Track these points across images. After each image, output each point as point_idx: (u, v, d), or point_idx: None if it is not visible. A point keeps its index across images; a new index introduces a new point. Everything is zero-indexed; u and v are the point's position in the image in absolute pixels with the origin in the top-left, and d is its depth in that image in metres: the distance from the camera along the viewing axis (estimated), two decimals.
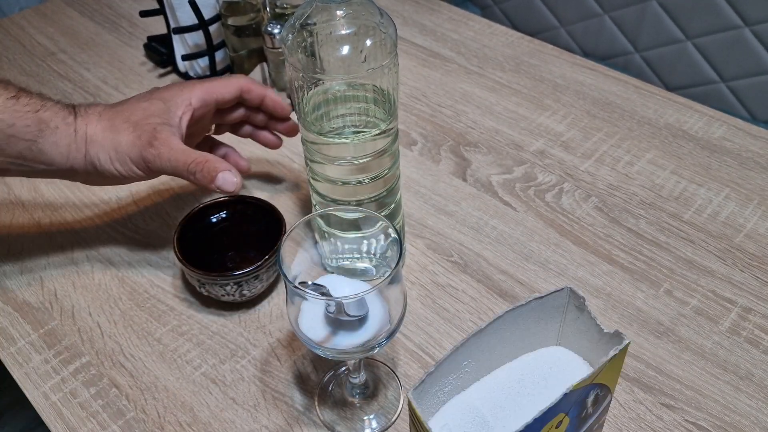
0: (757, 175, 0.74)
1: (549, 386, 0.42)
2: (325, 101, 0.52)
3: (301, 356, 0.59)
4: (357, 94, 0.52)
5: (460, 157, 0.78)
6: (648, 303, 0.62)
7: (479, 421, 0.40)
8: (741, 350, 0.58)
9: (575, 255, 0.66)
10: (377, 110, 0.52)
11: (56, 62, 0.97)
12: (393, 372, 0.58)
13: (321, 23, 0.48)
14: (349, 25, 0.48)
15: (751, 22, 1.35)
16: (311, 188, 0.59)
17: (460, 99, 0.87)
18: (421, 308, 0.62)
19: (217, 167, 0.55)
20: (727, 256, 0.65)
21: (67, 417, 0.55)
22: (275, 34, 0.79)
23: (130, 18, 1.06)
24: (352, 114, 0.53)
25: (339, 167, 0.54)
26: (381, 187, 0.56)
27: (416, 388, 0.37)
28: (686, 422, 0.53)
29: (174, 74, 0.93)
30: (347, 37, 0.48)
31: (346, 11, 0.48)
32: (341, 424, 0.54)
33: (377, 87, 0.51)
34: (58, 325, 0.62)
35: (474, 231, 0.69)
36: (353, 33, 0.48)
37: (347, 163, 0.53)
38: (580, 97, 0.86)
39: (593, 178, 0.74)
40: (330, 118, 0.53)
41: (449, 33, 0.99)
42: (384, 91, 0.51)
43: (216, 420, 0.55)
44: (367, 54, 0.48)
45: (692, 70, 1.48)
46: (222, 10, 0.81)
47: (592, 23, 1.60)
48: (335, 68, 0.49)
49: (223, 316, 0.62)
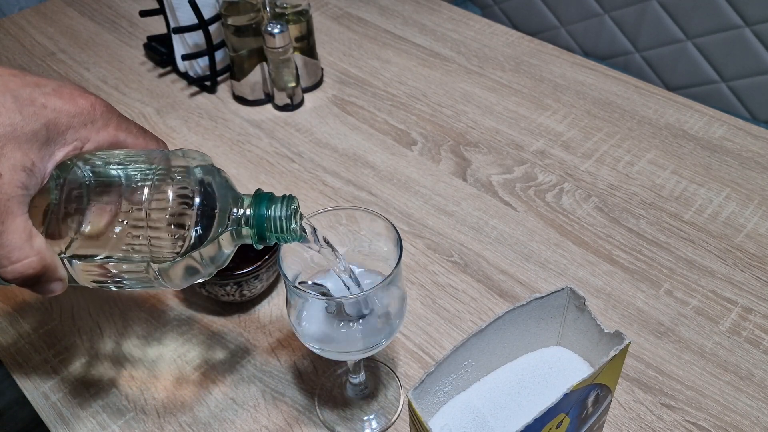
0: (758, 175, 0.74)
1: (549, 386, 0.42)
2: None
3: (301, 356, 0.59)
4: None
5: (460, 157, 0.78)
6: (648, 303, 0.62)
7: (479, 421, 0.40)
8: (741, 350, 0.58)
9: (575, 255, 0.66)
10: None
11: (56, 62, 0.97)
12: (393, 372, 0.58)
13: None
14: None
15: (751, 22, 1.35)
16: None
17: (460, 99, 0.87)
18: (421, 308, 0.62)
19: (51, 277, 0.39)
20: (727, 256, 0.65)
21: (67, 417, 0.55)
22: (275, 34, 0.79)
23: (130, 18, 1.06)
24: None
25: None
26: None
27: (416, 388, 0.37)
28: (686, 422, 0.53)
29: (174, 74, 0.93)
30: None
31: None
32: (341, 424, 0.54)
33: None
34: (58, 325, 0.62)
35: (474, 231, 0.69)
36: None
37: None
38: (580, 97, 0.86)
39: (593, 178, 0.74)
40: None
41: (449, 33, 0.99)
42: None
43: (216, 420, 0.55)
44: None
45: (692, 70, 1.48)
46: (222, 10, 0.81)
47: (592, 23, 1.60)
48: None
49: (223, 316, 0.62)
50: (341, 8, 1.06)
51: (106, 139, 0.40)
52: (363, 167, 0.77)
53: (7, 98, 0.36)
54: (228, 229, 0.41)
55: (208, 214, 0.40)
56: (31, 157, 0.36)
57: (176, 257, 0.39)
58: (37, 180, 0.37)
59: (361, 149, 0.80)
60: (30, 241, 0.37)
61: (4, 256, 0.36)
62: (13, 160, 0.35)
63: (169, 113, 0.86)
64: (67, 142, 0.38)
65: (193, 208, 0.39)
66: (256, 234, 0.42)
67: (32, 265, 0.37)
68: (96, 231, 0.39)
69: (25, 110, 0.36)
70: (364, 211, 0.48)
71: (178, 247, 0.39)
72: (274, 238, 0.42)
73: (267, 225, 0.41)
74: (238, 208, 0.41)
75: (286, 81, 0.84)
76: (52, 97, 0.38)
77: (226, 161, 0.79)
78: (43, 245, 0.38)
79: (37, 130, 0.37)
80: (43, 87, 0.38)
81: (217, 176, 0.41)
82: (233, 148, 0.81)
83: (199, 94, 0.90)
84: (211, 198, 0.40)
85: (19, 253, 0.36)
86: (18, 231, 0.36)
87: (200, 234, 0.39)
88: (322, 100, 0.88)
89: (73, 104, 0.39)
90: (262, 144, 0.81)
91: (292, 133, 0.83)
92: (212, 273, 0.42)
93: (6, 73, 0.38)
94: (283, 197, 0.42)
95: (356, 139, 0.81)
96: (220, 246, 0.41)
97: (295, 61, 0.84)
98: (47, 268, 0.38)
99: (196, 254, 0.40)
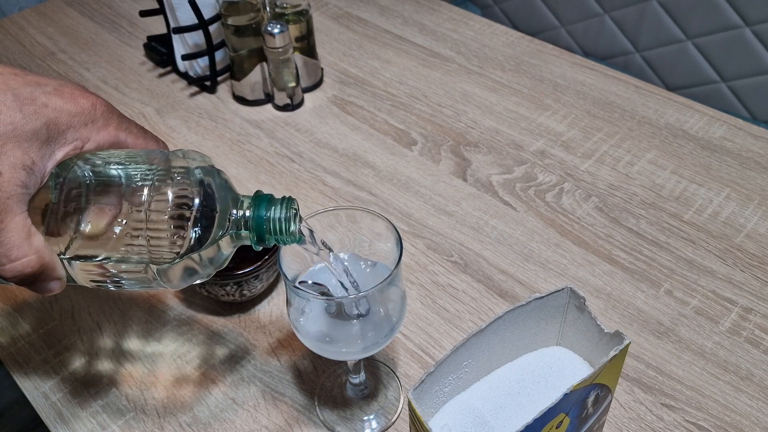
0: (758, 175, 0.74)
1: (549, 386, 0.42)
2: None
3: (301, 356, 0.59)
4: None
5: (460, 157, 0.78)
6: (648, 303, 0.62)
7: (479, 421, 0.40)
8: (741, 350, 0.58)
9: (575, 255, 0.66)
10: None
11: (56, 62, 0.97)
12: (393, 372, 0.58)
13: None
14: None
15: (751, 22, 1.35)
16: None
17: (461, 99, 0.87)
18: (421, 308, 0.62)
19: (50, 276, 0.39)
20: (727, 256, 0.65)
21: (67, 417, 0.55)
22: (275, 34, 0.79)
23: (130, 18, 1.06)
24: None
25: None
26: None
27: (416, 388, 0.37)
28: (686, 422, 0.53)
29: (174, 74, 0.93)
30: None
31: None
32: (341, 424, 0.54)
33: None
34: (58, 325, 0.62)
35: (474, 231, 0.69)
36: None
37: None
38: (580, 96, 0.86)
39: (593, 178, 0.74)
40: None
41: (449, 33, 0.99)
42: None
43: (216, 420, 0.55)
44: None
45: (692, 70, 1.48)
46: (222, 9, 0.81)
47: (592, 23, 1.60)
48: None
49: (223, 316, 0.62)
50: (341, 8, 1.06)
51: (106, 138, 0.40)
52: (363, 167, 0.77)
53: (7, 96, 0.36)
54: (228, 232, 0.41)
55: (208, 216, 0.40)
56: (31, 156, 0.36)
57: (175, 258, 0.39)
58: (36, 179, 0.37)
59: (361, 149, 0.80)
60: (29, 239, 0.37)
61: (3, 254, 0.36)
62: (13, 159, 0.35)
63: (169, 113, 0.86)
64: (68, 141, 0.38)
65: (193, 210, 0.39)
66: (255, 236, 0.42)
67: (31, 263, 0.37)
68: (95, 231, 0.39)
69: (26, 109, 0.36)
70: (364, 211, 0.48)
71: (177, 248, 0.39)
72: (273, 240, 0.42)
73: (266, 227, 0.41)
74: (238, 209, 0.41)
75: (286, 81, 0.84)
76: (53, 96, 0.38)
77: (226, 161, 0.79)
78: (42, 244, 0.38)
79: (38, 129, 0.36)
80: (44, 86, 0.38)
81: (217, 177, 0.41)
82: (233, 148, 0.81)
83: (199, 94, 0.90)
84: (211, 199, 0.40)
85: (18, 251, 0.37)
86: (17, 229, 0.36)
87: (200, 236, 0.39)
88: (322, 100, 0.88)
89: (74, 103, 0.38)
90: (262, 144, 0.81)
91: (292, 133, 0.83)
92: (211, 274, 0.42)
93: (7, 72, 0.38)
94: (282, 199, 0.42)
95: (356, 139, 0.81)
96: (220, 247, 0.41)
97: (295, 61, 0.84)
98: (45, 267, 0.38)
99: (196, 255, 0.40)
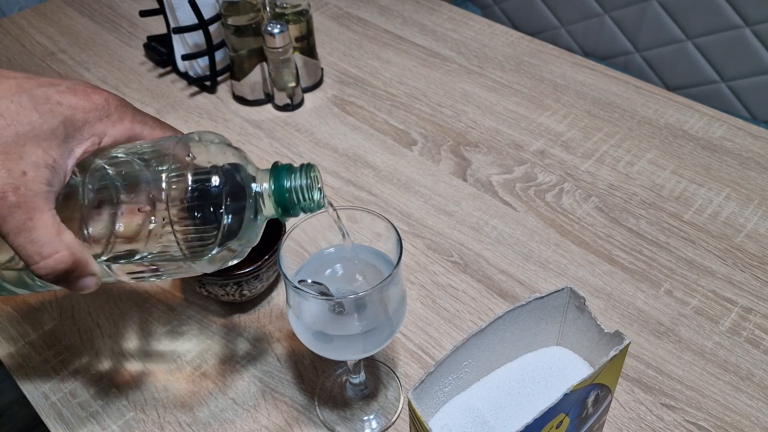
0: (758, 175, 0.74)
1: (549, 386, 0.42)
2: None
3: (301, 356, 0.59)
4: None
5: (460, 157, 0.78)
6: (648, 303, 0.62)
7: (479, 421, 0.40)
8: (741, 350, 0.58)
9: (575, 255, 0.66)
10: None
11: (56, 62, 0.97)
12: (393, 372, 0.58)
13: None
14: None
15: (751, 22, 1.35)
16: None
17: (460, 99, 0.87)
18: (421, 308, 0.62)
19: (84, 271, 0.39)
20: (727, 256, 0.65)
21: (67, 417, 0.55)
22: (275, 34, 0.79)
23: (130, 18, 1.06)
24: None
25: None
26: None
27: (416, 388, 0.37)
28: (686, 422, 0.53)
29: (174, 74, 0.93)
30: None
31: None
32: (341, 424, 0.54)
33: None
34: (58, 325, 0.62)
35: (474, 231, 0.69)
36: None
37: None
38: (580, 96, 0.86)
39: (593, 178, 0.74)
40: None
41: (449, 33, 0.99)
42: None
43: (216, 420, 0.55)
44: None
45: (692, 70, 1.48)
46: (222, 9, 0.81)
47: (592, 23, 1.60)
48: None
49: (223, 316, 0.62)
50: (341, 8, 1.06)
51: (122, 132, 0.41)
52: (363, 167, 0.77)
53: (23, 98, 0.37)
54: (255, 209, 0.41)
55: (238, 201, 0.40)
56: (52, 154, 0.37)
57: (212, 248, 0.39)
58: (60, 177, 0.37)
59: (361, 149, 0.80)
60: (59, 236, 0.37)
61: (35, 252, 0.37)
62: (35, 158, 0.36)
63: (169, 113, 0.86)
64: (85, 137, 0.39)
65: (221, 197, 0.39)
66: (280, 208, 0.42)
67: (63, 259, 0.37)
68: (129, 233, 0.40)
69: (42, 108, 0.37)
70: (364, 211, 0.48)
71: (213, 237, 0.39)
72: (299, 209, 0.42)
73: (289, 197, 0.41)
74: (260, 184, 0.41)
75: (286, 81, 0.84)
76: (67, 95, 0.38)
77: None
78: (73, 239, 0.38)
79: (55, 128, 0.37)
80: (57, 86, 0.39)
81: (236, 156, 0.41)
82: None
83: (199, 94, 0.90)
84: (238, 186, 0.40)
85: (50, 248, 0.37)
86: (46, 226, 0.37)
87: (231, 222, 0.40)
88: (322, 100, 0.88)
89: (88, 100, 0.39)
90: (262, 144, 0.81)
91: (292, 133, 0.83)
92: (246, 252, 0.43)
93: (20, 76, 0.38)
94: (301, 166, 0.42)
95: (356, 139, 0.81)
96: (251, 227, 0.41)
97: (295, 61, 0.84)
98: (78, 262, 0.38)
99: (231, 242, 0.40)
